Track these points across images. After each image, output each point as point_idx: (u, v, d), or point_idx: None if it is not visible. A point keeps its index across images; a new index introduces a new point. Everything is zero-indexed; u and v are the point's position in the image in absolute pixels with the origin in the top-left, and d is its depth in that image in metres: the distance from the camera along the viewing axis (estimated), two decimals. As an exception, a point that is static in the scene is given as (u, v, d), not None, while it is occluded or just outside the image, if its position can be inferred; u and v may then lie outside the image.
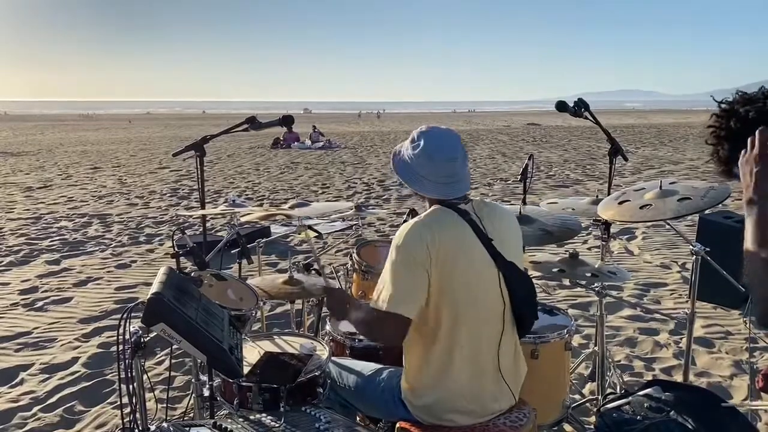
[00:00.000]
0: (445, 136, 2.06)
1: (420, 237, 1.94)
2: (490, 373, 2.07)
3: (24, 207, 9.90)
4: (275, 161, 16.67)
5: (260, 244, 3.64)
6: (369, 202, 10.01)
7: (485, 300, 2.02)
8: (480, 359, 2.04)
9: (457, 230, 1.98)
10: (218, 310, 2.06)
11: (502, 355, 2.07)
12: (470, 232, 1.99)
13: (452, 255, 1.95)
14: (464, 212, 2.02)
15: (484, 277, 2.01)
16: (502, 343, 2.07)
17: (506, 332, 2.08)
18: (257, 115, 3.25)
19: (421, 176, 2.03)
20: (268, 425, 1.88)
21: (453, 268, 1.95)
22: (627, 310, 4.78)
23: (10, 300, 5.35)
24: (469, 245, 1.98)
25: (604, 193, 3.23)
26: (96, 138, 28.46)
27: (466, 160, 2.07)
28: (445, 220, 2.00)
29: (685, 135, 24.99)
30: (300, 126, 20.77)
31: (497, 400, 2.10)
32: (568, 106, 3.07)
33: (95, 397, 3.60)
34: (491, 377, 2.07)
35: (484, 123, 43.75)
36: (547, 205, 3.40)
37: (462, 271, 1.96)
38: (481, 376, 2.05)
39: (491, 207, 2.13)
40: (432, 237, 1.93)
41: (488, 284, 2.02)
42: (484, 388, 2.06)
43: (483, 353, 2.04)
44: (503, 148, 19.95)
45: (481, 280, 2.00)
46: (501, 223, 2.10)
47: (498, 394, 2.09)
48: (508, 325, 2.08)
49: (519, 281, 2.06)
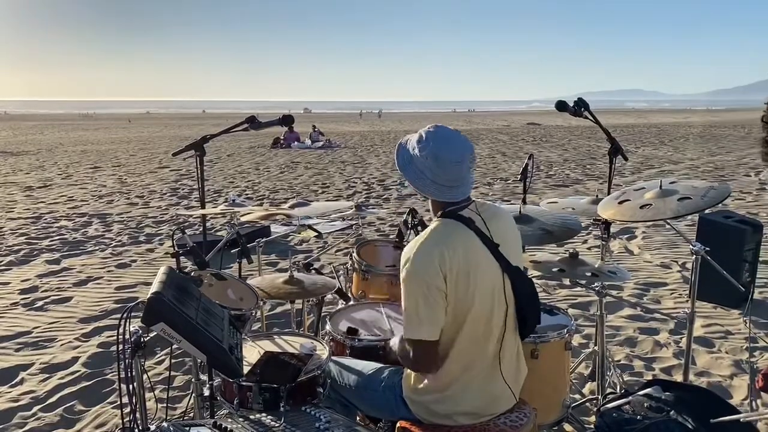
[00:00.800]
0: (454, 138, 2.02)
1: (431, 261, 1.92)
2: (492, 374, 2.08)
3: (24, 206, 9.90)
4: (275, 161, 16.67)
5: (260, 243, 3.64)
6: (369, 202, 10.01)
7: (491, 304, 2.02)
8: (482, 360, 2.05)
9: (467, 245, 1.97)
10: (218, 309, 2.06)
11: (504, 356, 2.08)
12: (478, 243, 1.99)
13: (464, 270, 1.94)
14: (469, 221, 2.00)
15: (491, 284, 2.01)
16: (504, 345, 2.08)
17: (508, 334, 2.08)
18: (257, 115, 3.25)
19: (425, 177, 2.01)
20: (268, 425, 1.89)
21: (467, 283, 1.95)
22: (627, 309, 4.78)
23: (10, 299, 5.35)
24: (479, 257, 1.98)
25: (604, 192, 3.23)
26: (96, 137, 28.46)
27: (473, 164, 2.04)
28: (454, 235, 1.98)
29: (685, 135, 24.98)
30: (300, 126, 20.78)
31: (498, 400, 2.11)
32: (568, 106, 3.07)
33: (95, 397, 3.60)
34: (492, 378, 2.08)
35: (484, 123, 43.73)
36: (547, 205, 3.40)
37: (473, 285, 1.96)
38: (483, 376, 2.06)
39: (492, 209, 2.13)
40: (442, 258, 1.92)
41: (495, 290, 2.02)
42: (485, 389, 2.07)
43: (485, 355, 2.05)
44: (503, 148, 19.94)
45: (488, 287, 2.01)
46: (502, 225, 2.10)
47: (499, 395, 2.10)
48: (510, 327, 2.08)
49: (523, 285, 2.07)
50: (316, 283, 3.09)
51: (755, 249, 4.82)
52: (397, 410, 2.16)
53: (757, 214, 8.21)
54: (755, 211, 8.42)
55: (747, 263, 4.74)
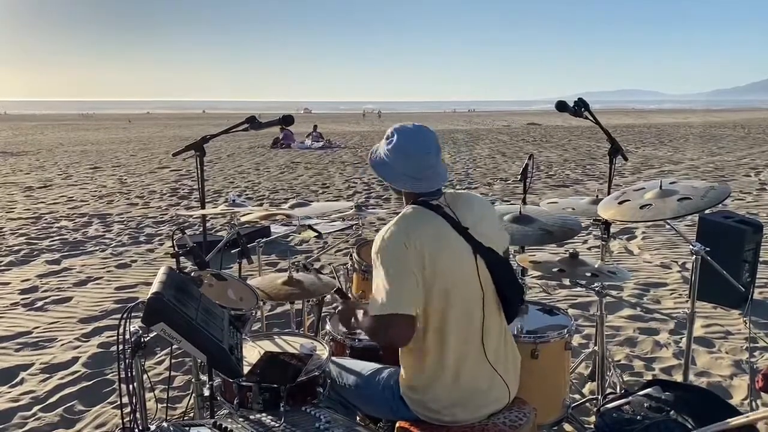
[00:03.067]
0: (417, 131, 2.09)
1: (399, 241, 1.97)
2: (478, 361, 2.08)
3: (24, 207, 9.90)
4: (275, 161, 16.67)
5: (260, 243, 3.64)
6: (369, 202, 10.01)
7: (467, 290, 2.04)
8: (467, 348, 2.06)
9: (433, 227, 2.01)
10: (218, 310, 2.06)
11: (488, 342, 2.09)
12: (446, 226, 2.02)
13: (433, 252, 1.97)
14: (437, 207, 2.05)
15: (464, 267, 2.04)
16: (486, 331, 2.08)
17: (490, 318, 2.09)
18: (259, 115, 3.26)
19: (398, 172, 2.07)
20: (268, 425, 1.89)
21: (436, 265, 1.97)
22: (627, 309, 4.78)
23: (10, 300, 5.35)
24: (446, 239, 2.01)
25: (604, 192, 3.23)
26: (96, 138, 28.45)
27: (439, 153, 2.10)
28: (420, 219, 2.03)
29: (685, 135, 24.98)
30: (300, 126, 20.75)
31: (491, 389, 2.10)
32: (568, 106, 3.07)
33: (95, 397, 3.60)
34: (479, 365, 2.08)
35: (484, 123, 43.71)
36: (547, 205, 3.40)
37: (444, 266, 1.99)
38: (470, 364, 2.06)
39: (464, 197, 2.16)
40: (409, 239, 1.96)
41: (468, 274, 2.04)
42: (475, 377, 2.07)
43: (469, 342, 2.06)
44: (503, 148, 19.94)
45: (462, 271, 2.03)
46: (474, 211, 2.12)
47: (490, 383, 2.10)
48: (490, 310, 2.09)
49: (499, 265, 2.09)
50: (316, 283, 3.09)
51: (755, 249, 4.82)
52: (397, 410, 2.16)
53: (757, 214, 8.21)
54: (755, 211, 8.43)
55: (747, 263, 4.74)
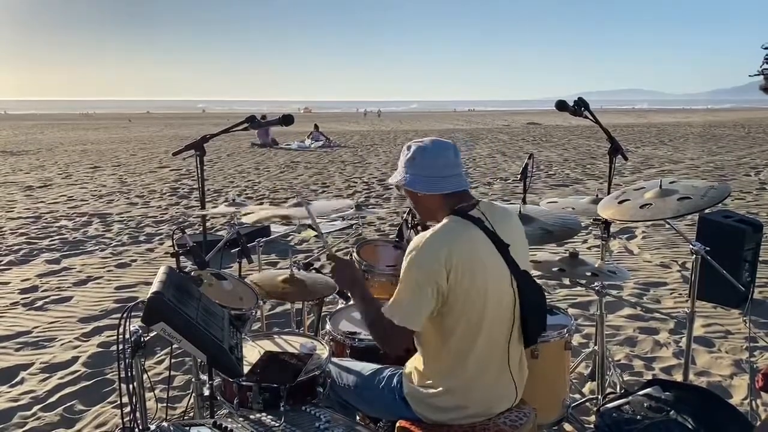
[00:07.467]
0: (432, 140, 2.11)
1: (436, 253, 1.94)
2: (500, 376, 2.09)
3: (24, 206, 9.90)
4: (275, 160, 16.66)
5: (260, 243, 3.64)
6: (369, 202, 10.01)
7: (499, 308, 2.03)
8: (491, 361, 2.06)
9: (473, 242, 1.98)
10: (218, 309, 2.06)
11: (512, 355, 2.10)
12: (487, 242, 2.00)
13: (470, 268, 1.95)
14: (478, 220, 2.02)
15: (499, 285, 2.02)
16: (511, 346, 2.09)
17: (514, 335, 2.10)
18: (262, 115, 3.26)
19: (426, 177, 2.04)
20: (268, 425, 1.89)
21: (471, 281, 1.95)
22: (627, 309, 4.78)
23: (10, 299, 5.35)
24: (485, 256, 1.99)
25: (604, 192, 3.23)
26: (96, 137, 28.44)
27: (458, 154, 2.11)
28: (461, 231, 1.99)
29: (685, 134, 24.97)
30: (300, 126, 20.71)
31: (502, 401, 2.12)
32: (568, 106, 3.07)
33: (95, 397, 3.60)
34: (501, 379, 2.10)
35: (484, 122, 43.67)
36: (547, 205, 3.40)
37: (480, 282, 1.97)
38: (491, 377, 2.07)
39: (500, 210, 2.15)
40: (448, 252, 1.93)
41: (503, 293, 2.03)
42: (492, 390, 2.09)
43: (494, 355, 2.07)
44: (503, 148, 19.93)
45: (497, 289, 2.02)
46: (510, 226, 2.12)
47: (504, 396, 2.12)
48: (516, 330, 2.10)
49: (532, 291, 2.09)
50: (316, 283, 3.09)
51: (755, 248, 4.82)
52: (397, 410, 2.16)
53: (757, 214, 8.21)
54: (755, 211, 8.42)
55: (747, 263, 4.74)
